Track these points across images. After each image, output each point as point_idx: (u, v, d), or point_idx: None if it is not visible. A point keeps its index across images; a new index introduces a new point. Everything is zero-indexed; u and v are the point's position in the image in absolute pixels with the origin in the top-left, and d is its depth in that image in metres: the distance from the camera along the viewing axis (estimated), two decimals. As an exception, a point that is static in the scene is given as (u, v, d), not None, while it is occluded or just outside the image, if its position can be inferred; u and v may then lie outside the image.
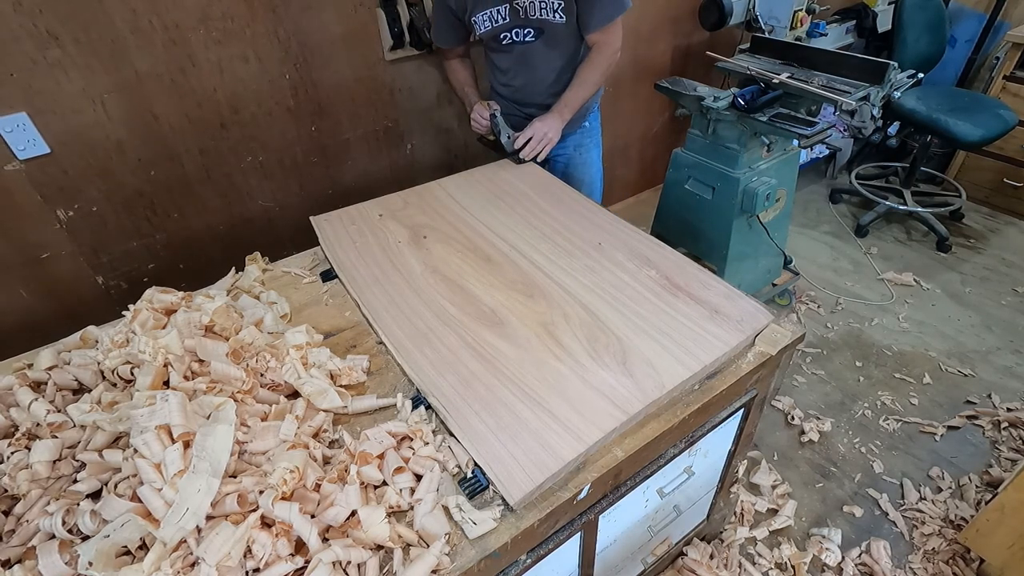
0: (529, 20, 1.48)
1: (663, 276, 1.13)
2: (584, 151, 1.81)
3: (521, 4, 1.45)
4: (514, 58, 1.60)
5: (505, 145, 1.54)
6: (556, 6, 1.44)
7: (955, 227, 2.88)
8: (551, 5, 1.44)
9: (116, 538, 0.66)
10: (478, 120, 1.60)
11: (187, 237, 1.57)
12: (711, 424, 1.04)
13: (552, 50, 1.54)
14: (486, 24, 1.50)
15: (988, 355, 2.17)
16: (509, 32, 1.52)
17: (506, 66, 1.64)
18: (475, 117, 1.61)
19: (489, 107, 1.57)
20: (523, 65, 1.60)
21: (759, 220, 1.98)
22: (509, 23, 1.49)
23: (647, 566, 1.37)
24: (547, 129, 1.52)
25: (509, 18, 1.48)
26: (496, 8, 1.47)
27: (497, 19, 1.49)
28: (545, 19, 1.46)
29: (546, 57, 1.56)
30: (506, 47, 1.56)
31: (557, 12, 1.45)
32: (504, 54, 1.60)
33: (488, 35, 1.53)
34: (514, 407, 0.87)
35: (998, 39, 2.96)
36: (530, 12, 1.46)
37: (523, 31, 1.51)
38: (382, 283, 1.15)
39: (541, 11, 1.45)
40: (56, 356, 0.94)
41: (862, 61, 1.71)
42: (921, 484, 1.74)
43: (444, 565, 0.70)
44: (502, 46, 1.56)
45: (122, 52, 1.28)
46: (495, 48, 1.60)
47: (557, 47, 1.54)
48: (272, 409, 0.84)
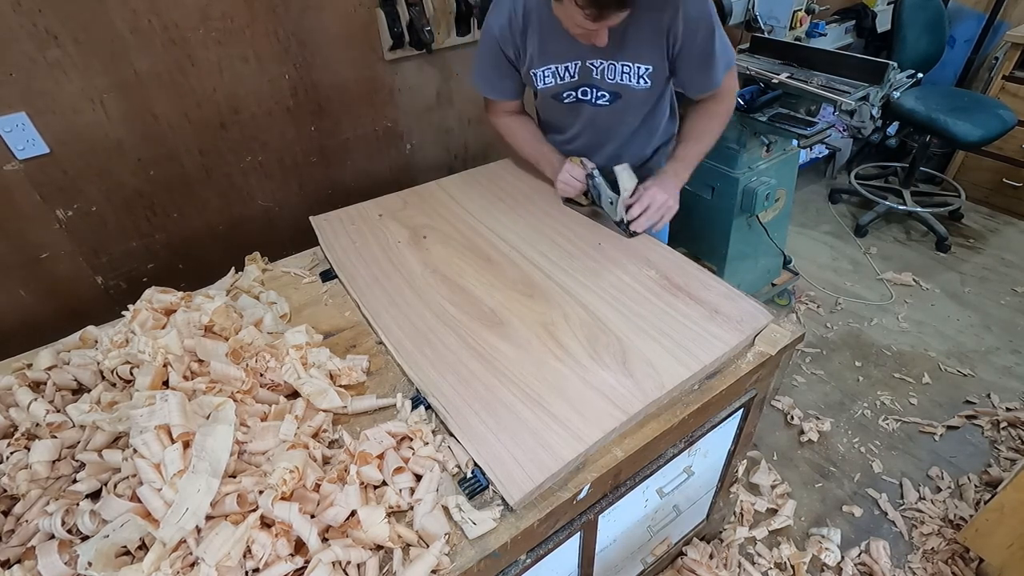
0: (604, 83, 1.23)
1: (663, 276, 1.13)
2: None
3: (596, 64, 1.20)
4: (576, 117, 1.34)
5: (607, 212, 1.25)
6: (641, 72, 1.19)
7: (954, 227, 2.88)
8: (635, 72, 1.19)
9: (115, 538, 0.66)
10: (570, 183, 1.28)
11: (187, 237, 1.57)
12: (711, 424, 1.04)
13: (626, 114, 1.30)
14: (548, 80, 1.24)
15: (987, 355, 2.17)
16: (575, 91, 1.27)
17: (564, 123, 1.38)
18: (565, 179, 1.28)
19: (584, 165, 1.27)
20: (588, 127, 1.35)
21: (759, 220, 1.98)
22: (578, 82, 1.24)
23: (647, 566, 1.37)
24: (667, 196, 1.21)
25: (579, 77, 1.23)
26: (565, 64, 1.22)
27: (564, 76, 1.23)
28: (626, 85, 1.22)
29: (619, 121, 1.32)
30: (568, 105, 1.30)
31: (642, 79, 1.20)
32: (563, 111, 1.34)
33: (549, 92, 1.28)
34: (514, 407, 0.87)
35: (997, 39, 2.96)
36: (607, 75, 1.21)
37: (594, 92, 1.26)
38: (382, 283, 1.14)
39: (622, 76, 1.20)
40: (55, 356, 0.94)
41: (861, 61, 1.72)
42: (920, 484, 1.74)
43: (444, 565, 0.70)
44: (563, 104, 1.30)
45: (122, 52, 1.28)
46: (553, 106, 1.33)
47: (633, 111, 1.30)
48: (272, 409, 0.84)
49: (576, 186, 1.28)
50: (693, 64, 1.18)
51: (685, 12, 1.11)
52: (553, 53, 1.20)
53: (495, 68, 1.28)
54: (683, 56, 1.17)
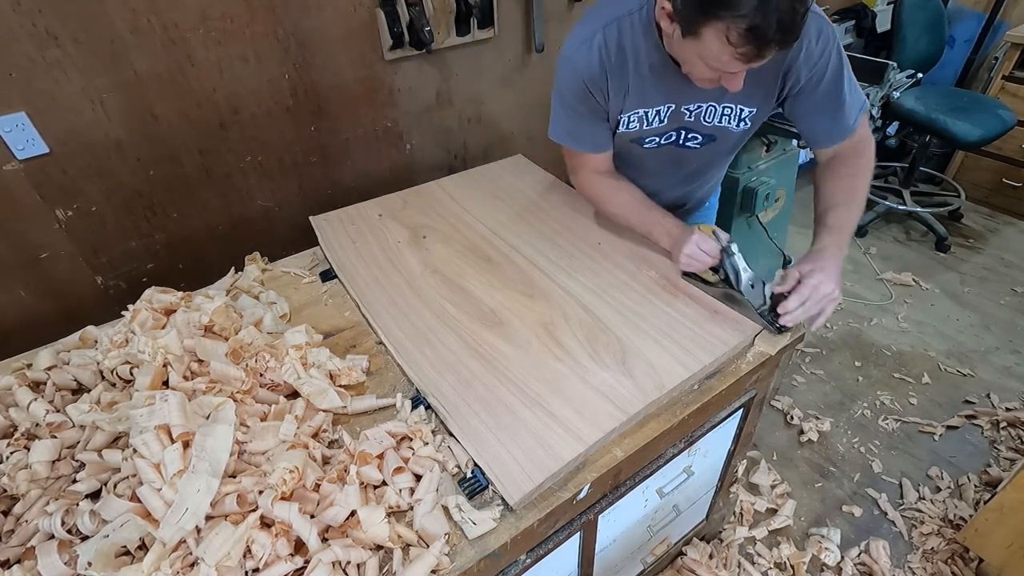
0: (699, 126, 1.10)
1: (663, 276, 1.13)
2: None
3: (692, 108, 1.06)
4: (654, 158, 1.18)
5: (747, 297, 1.00)
6: (744, 115, 1.06)
7: (954, 227, 2.88)
8: (737, 115, 1.06)
9: (115, 538, 0.66)
10: (698, 257, 1.02)
11: (186, 237, 1.57)
12: (710, 424, 1.04)
13: (715, 156, 1.19)
14: (633, 125, 1.09)
15: (987, 355, 2.17)
16: (660, 136, 1.13)
17: (635, 162, 1.21)
18: (693, 253, 1.02)
19: (717, 237, 1.02)
20: (665, 166, 1.20)
21: (759, 220, 1.98)
22: (665, 127, 1.10)
23: (646, 566, 1.37)
24: (833, 286, 0.95)
25: (667, 122, 1.09)
26: (656, 109, 1.06)
27: (652, 122, 1.09)
28: (724, 127, 1.09)
29: (704, 163, 1.21)
30: (648, 149, 1.16)
31: (744, 121, 1.07)
32: (640, 153, 1.18)
33: (630, 136, 1.13)
34: (514, 407, 0.87)
35: (997, 39, 2.96)
36: (704, 118, 1.08)
37: (684, 135, 1.13)
38: (382, 283, 1.14)
39: (722, 119, 1.07)
40: (55, 356, 0.94)
41: (861, 61, 1.72)
42: (920, 484, 1.74)
43: (444, 565, 0.70)
44: (644, 148, 1.16)
45: (121, 52, 1.27)
46: (631, 147, 1.17)
47: (723, 154, 1.19)
48: (271, 409, 0.84)
49: (707, 262, 1.03)
50: (821, 110, 1.02)
51: (809, 50, 0.95)
52: (647, 96, 1.04)
53: (583, 116, 1.09)
54: (808, 101, 1.01)
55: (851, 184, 1.05)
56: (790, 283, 0.96)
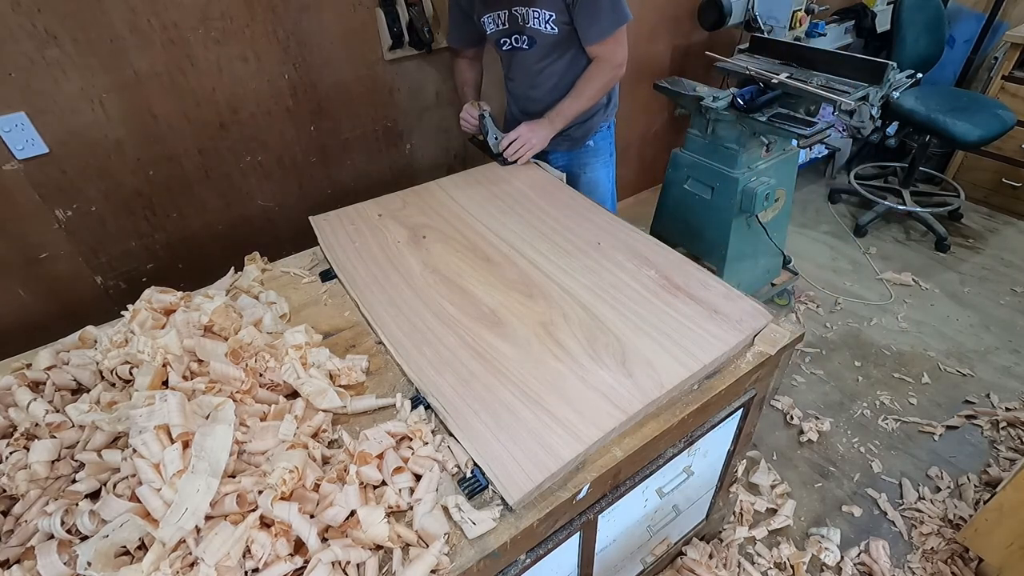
0: (525, 29, 1.45)
1: (662, 276, 1.13)
2: (589, 170, 1.75)
3: (519, 12, 1.42)
4: (513, 65, 1.59)
5: (492, 146, 1.54)
6: (547, 18, 1.40)
7: (954, 227, 2.88)
8: (542, 17, 1.41)
9: (115, 538, 0.66)
10: (467, 119, 1.59)
11: (186, 237, 1.57)
12: (710, 424, 1.04)
13: (546, 59, 1.51)
14: (491, 27, 1.49)
15: (987, 355, 2.17)
16: (508, 38, 1.50)
17: (508, 73, 1.64)
18: (464, 116, 1.59)
19: (479, 107, 1.56)
20: (520, 72, 1.58)
21: (758, 220, 1.98)
22: (508, 29, 1.47)
23: (646, 566, 1.37)
24: (532, 135, 1.50)
25: (508, 24, 1.46)
26: (498, 13, 1.46)
27: (499, 23, 1.47)
28: (537, 30, 1.43)
29: (541, 66, 1.53)
30: (506, 52, 1.55)
31: (549, 24, 1.41)
32: (505, 60, 1.60)
33: (492, 39, 1.53)
34: (513, 407, 0.87)
35: (997, 39, 2.96)
36: (525, 20, 1.43)
37: (520, 38, 1.48)
38: (381, 283, 1.14)
39: (533, 21, 1.42)
40: (55, 356, 0.94)
41: (861, 61, 1.72)
42: (920, 484, 1.74)
43: (443, 565, 0.70)
44: (503, 51, 1.55)
45: (121, 52, 1.27)
46: (499, 54, 1.59)
47: (551, 57, 1.50)
48: (271, 409, 0.84)
49: (471, 122, 1.58)
50: (583, 11, 1.37)
51: None
52: (492, 2, 1.44)
53: (455, 20, 1.56)
54: (578, 8, 1.37)
55: (583, 84, 1.50)
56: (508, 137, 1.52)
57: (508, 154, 1.52)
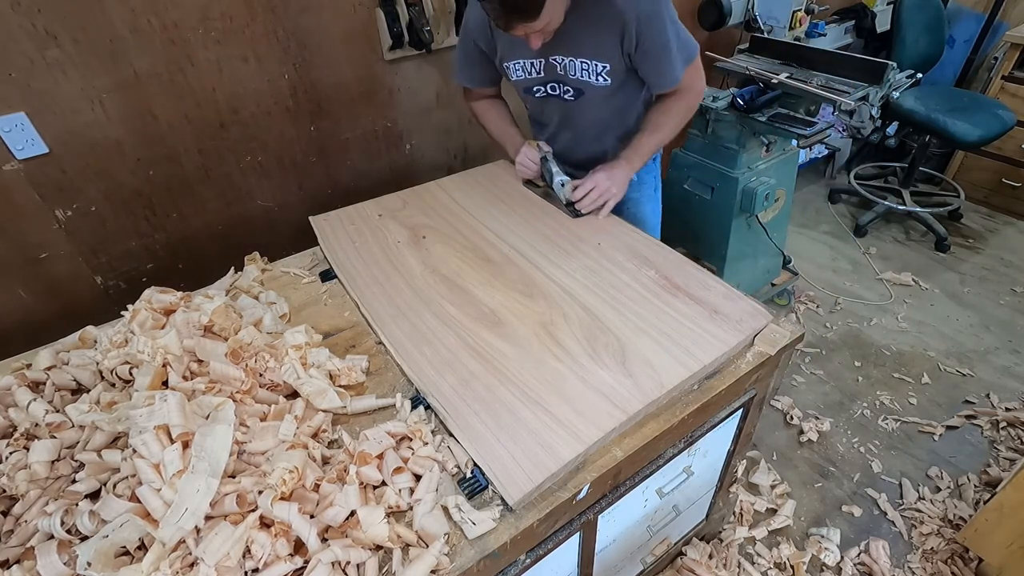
0: (568, 79, 1.27)
1: (662, 276, 1.13)
2: (632, 205, 1.53)
3: (559, 61, 1.24)
4: (551, 112, 1.40)
5: (558, 194, 1.33)
6: (600, 70, 1.23)
7: (954, 227, 2.88)
8: (593, 69, 1.23)
9: (115, 538, 0.66)
10: (526, 164, 1.38)
11: (186, 237, 1.57)
12: (710, 424, 1.04)
13: (594, 108, 1.33)
14: (519, 74, 1.31)
15: (987, 355, 2.17)
16: (543, 86, 1.32)
17: (542, 119, 1.46)
18: (522, 161, 1.38)
19: (539, 148, 1.36)
20: (561, 121, 1.40)
21: (758, 220, 1.98)
22: (544, 78, 1.30)
23: (646, 566, 1.37)
24: (611, 183, 1.28)
25: (544, 73, 1.28)
26: (531, 61, 1.27)
27: (531, 71, 1.29)
28: (586, 81, 1.26)
29: (588, 115, 1.36)
30: (540, 99, 1.36)
31: (600, 76, 1.23)
32: (538, 105, 1.41)
33: (520, 85, 1.35)
34: (513, 407, 0.87)
35: (996, 39, 2.96)
36: (569, 72, 1.25)
37: (560, 87, 1.31)
38: (381, 283, 1.14)
39: (582, 73, 1.24)
40: (55, 356, 0.94)
41: (861, 61, 1.72)
42: (920, 484, 1.74)
43: (443, 565, 0.70)
44: (536, 98, 1.37)
45: (121, 52, 1.27)
46: (529, 99, 1.41)
47: (600, 105, 1.33)
48: (271, 409, 0.84)
49: (531, 167, 1.38)
50: (649, 61, 1.20)
51: (638, 11, 1.12)
52: (521, 48, 1.24)
53: (469, 59, 1.37)
54: (640, 53, 1.19)
55: (660, 118, 1.31)
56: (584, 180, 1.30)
57: (583, 206, 1.29)
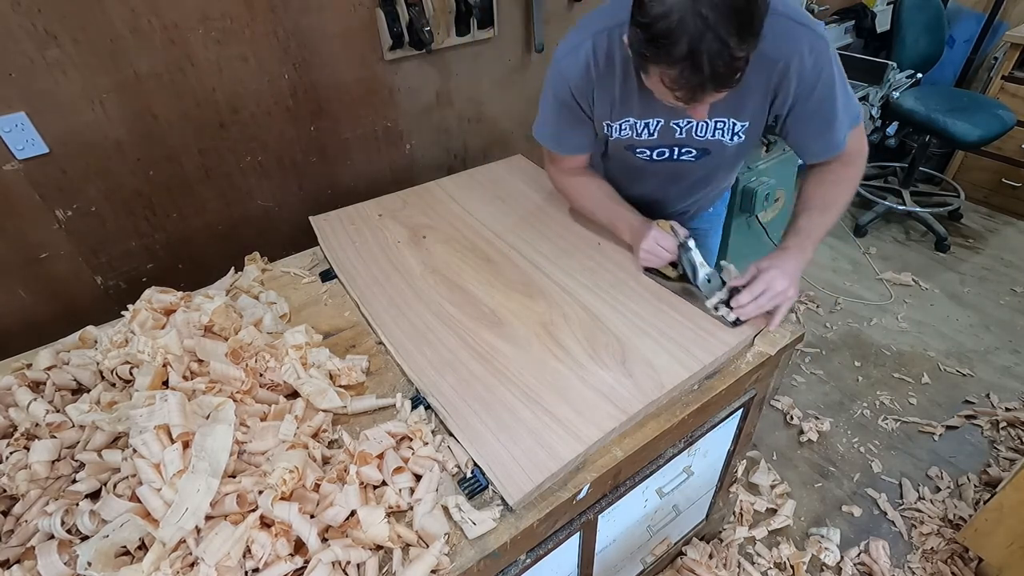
0: (692, 140, 1.06)
1: (662, 276, 1.13)
2: (703, 236, 1.38)
3: (682, 124, 1.03)
4: (652, 171, 1.16)
5: (704, 292, 1.02)
6: (737, 128, 1.02)
7: (954, 227, 2.88)
8: (730, 128, 1.02)
9: (115, 538, 0.66)
10: (657, 252, 1.06)
11: (186, 237, 1.57)
12: (710, 424, 1.04)
13: (713, 171, 1.16)
14: (625, 132, 1.07)
15: (987, 355, 2.17)
16: (650, 150, 1.10)
17: (633, 174, 1.21)
18: (651, 248, 1.06)
19: (675, 233, 1.06)
20: (663, 179, 1.18)
21: (758, 220, 1.98)
22: (657, 141, 1.07)
23: (646, 566, 1.37)
24: (788, 283, 0.96)
25: (658, 136, 1.06)
26: (646, 121, 1.04)
27: (643, 133, 1.06)
28: (717, 141, 1.05)
29: (696, 176, 1.17)
30: (642, 160, 1.13)
31: (737, 135, 1.03)
32: (635, 163, 1.15)
33: (620, 143, 1.11)
34: (513, 407, 0.87)
35: (996, 39, 2.96)
36: (696, 132, 1.04)
37: (678, 151, 1.09)
38: (381, 283, 1.14)
39: (715, 133, 1.04)
40: (55, 356, 0.94)
41: (861, 61, 1.72)
42: (920, 484, 1.74)
43: (443, 565, 0.70)
44: (636, 157, 1.13)
45: (121, 52, 1.27)
46: (621, 155, 1.16)
47: (721, 169, 1.16)
48: (271, 409, 0.84)
49: (664, 257, 1.07)
50: (810, 127, 0.99)
51: (800, 66, 0.91)
52: (635, 107, 1.02)
53: (567, 120, 1.10)
54: (796, 117, 0.98)
55: (832, 192, 1.04)
56: (746, 277, 0.99)
57: (747, 313, 0.97)
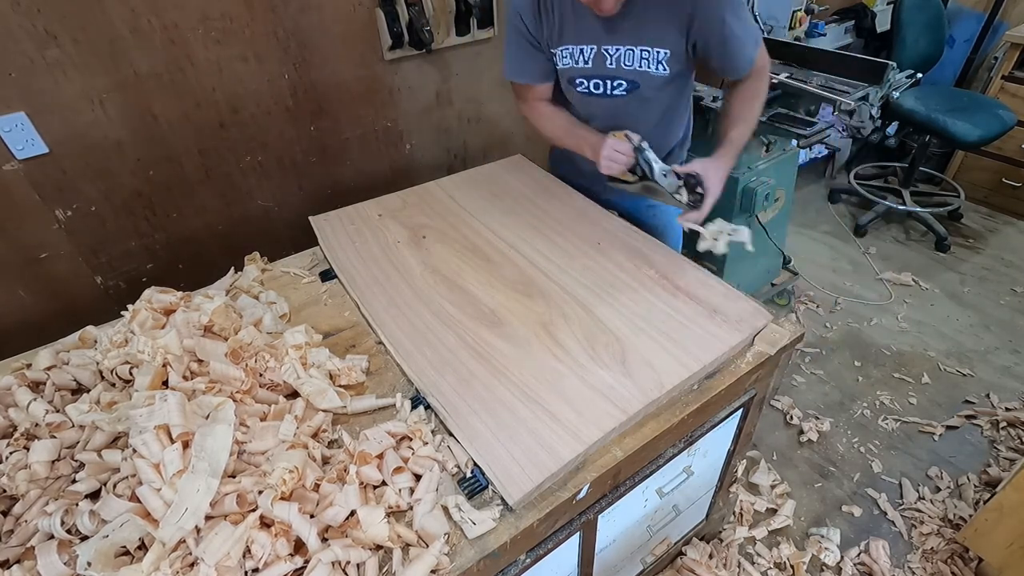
0: (621, 71, 1.17)
1: (662, 276, 1.13)
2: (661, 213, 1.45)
3: (612, 51, 1.15)
4: (593, 111, 1.29)
5: (664, 185, 1.15)
6: (660, 57, 1.14)
7: (954, 227, 2.88)
8: (654, 57, 1.14)
9: (115, 538, 0.66)
10: (615, 158, 1.17)
11: (186, 237, 1.57)
12: (710, 424, 1.04)
13: (644, 105, 1.24)
14: (567, 61, 1.20)
15: (987, 355, 2.17)
16: (587, 81, 1.22)
17: (579, 113, 1.32)
18: (609, 155, 1.17)
19: (629, 138, 1.17)
20: (602, 115, 1.28)
21: (758, 220, 1.98)
22: (591, 70, 1.19)
23: (646, 566, 1.37)
24: (718, 182, 1.15)
25: (592, 64, 1.18)
26: (580, 47, 1.17)
27: (579, 60, 1.19)
28: (644, 71, 1.16)
29: (635, 114, 1.25)
30: (582, 95, 1.25)
31: (661, 64, 1.15)
32: (580, 102, 1.29)
33: (565, 74, 1.24)
34: (513, 407, 0.87)
35: (997, 39, 2.96)
36: (624, 62, 1.16)
37: (608, 83, 1.21)
38: (381, 283, 1.14)
39: (640, 62, 1.15)
40: (55, 356, 0.94)
41: (861, 61, 1.72)
42: (920, 484, 1.74)
43: (443, 565, 0.70)
44: (578, 92, 1.25)
45: (121, 52, 1.27)
46: (572, 92, 1.28)
47: (651, 102, 1.24)
48: (271, 409, 0.84)
49: (622, 160, 1.17)
50: (721, 48, 1.13)
51: None
52: (571, 33, 1.16)
53: (521, 49, 1.23)
54: (709, 41, 1.12)
55: (752, 105, 1.22)
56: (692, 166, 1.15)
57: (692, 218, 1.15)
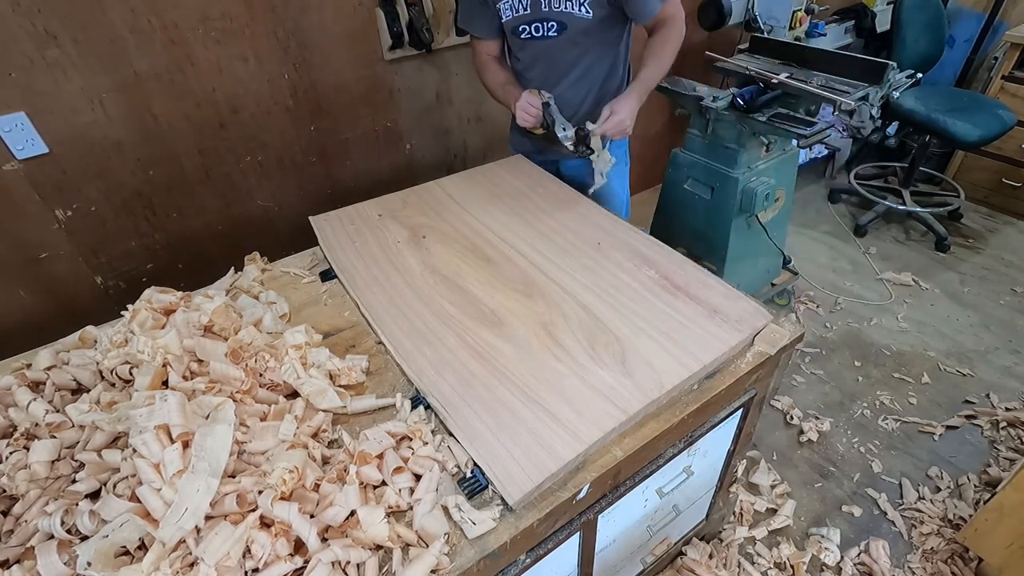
0: (552, 13, 1.34)
1: (662, 276, 1.13)
2: None
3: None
4: (532, 54, 1.46)
5: (561, 139, 1.36)
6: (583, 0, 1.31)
7: (954, 227, 2.88)
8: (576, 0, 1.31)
9: (115, 538, 0.66)
10: (527, 110, 1.37)
11: (186, 237, 1.57)
12: (710, 424, 1.04)
13: (575, 47, 1.40)
14: (508, 13, 1.38)
15: (987, 355, 2.17)
16: (528, 26, 1.38)
17: (525, 66, 1.50)
18: (522, 107, 1.38)
19: (540, 94, 1.37)
20: (541, 63, 1.45)
21: (758, 220, 1.98)
22: (530, 15, 1.36)
23: (646, 566, 1.37)
24: (627, 115, 1.32)
25: (530, 10, 1.35)
26: None
27: (518, 8, 1.36)
28: (568, 12, 1.33)
29: (569, 56, 1.42)
30: (525, 41, 1.42)
31: (584, 6, 1.31)
32: (522, 48, 1.46)
33: (509, 25, 1.41)
34: (513, 407, 0.87)
35: (997, 39, 2.96)
36: (553, 5, 1.33)
37: (544, 25, 1.37)
38: (381, 283, 1.14)
39: (566, 4, 1.32)
40: (55, 356, 0.94)
41: (861, 61, 1.72)
42: (920, 484, 1.74)
43: (443, 565, 0.70)
44: (521, 39, 1.43)
45: (121, 52, 1.28)
46: (515, 43, 1.46)
47: (580, 45, 1.40)
48: (271, 409, 0.84)
49: (533, 112, 1.37)
50: None
51: None
52: None
53: (471, 4, 1.43)
54: None
55: (664, 49, 1.37)
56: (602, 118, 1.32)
57: (609, 128, 1.31)
